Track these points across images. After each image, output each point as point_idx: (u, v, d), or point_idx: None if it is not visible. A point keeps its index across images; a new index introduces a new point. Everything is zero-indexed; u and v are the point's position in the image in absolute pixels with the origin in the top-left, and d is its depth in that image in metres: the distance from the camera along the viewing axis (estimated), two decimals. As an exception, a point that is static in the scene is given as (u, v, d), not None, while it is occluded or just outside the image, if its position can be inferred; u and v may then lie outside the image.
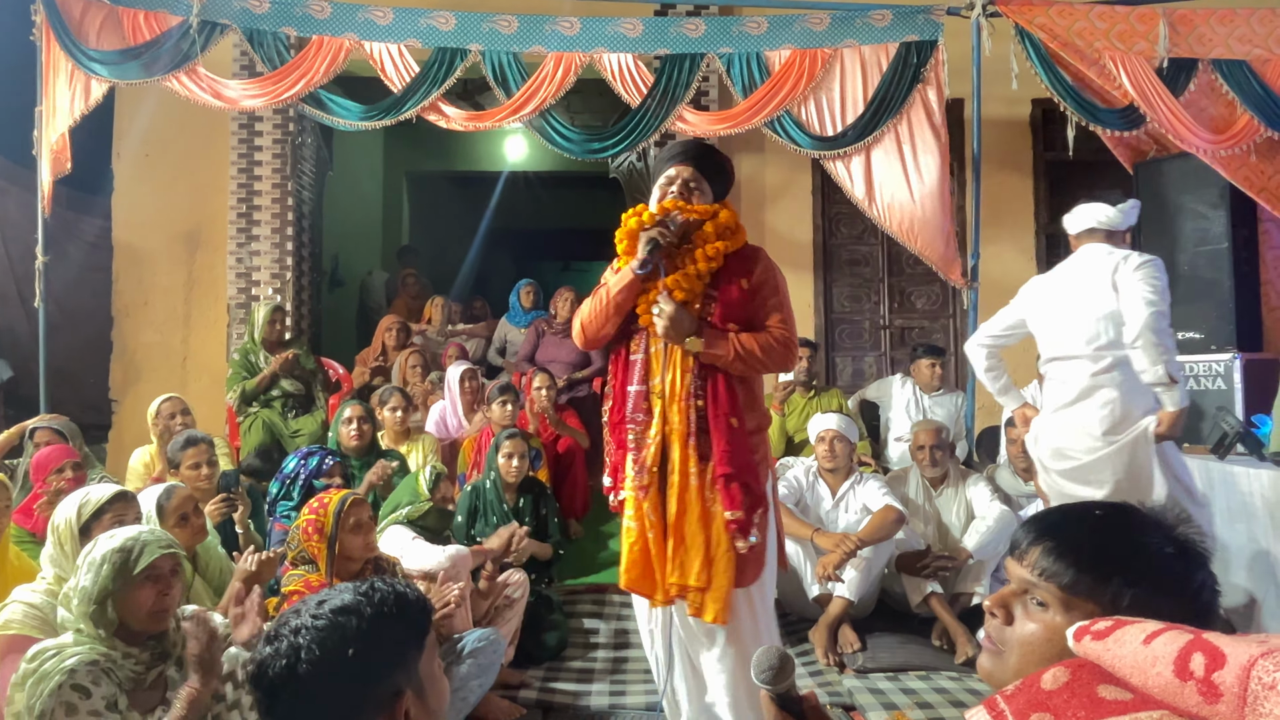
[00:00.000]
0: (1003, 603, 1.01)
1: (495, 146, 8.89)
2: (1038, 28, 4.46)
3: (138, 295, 5.64)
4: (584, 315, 2.24)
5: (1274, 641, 0.69)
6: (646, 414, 2.18)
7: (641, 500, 2.16)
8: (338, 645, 1.05)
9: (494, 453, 3.78)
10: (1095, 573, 0.94)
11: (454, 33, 4.59)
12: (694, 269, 2.15)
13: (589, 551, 4.52)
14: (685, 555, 2.13)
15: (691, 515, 2.13)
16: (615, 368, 2.27)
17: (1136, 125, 4.55)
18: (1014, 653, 0.98)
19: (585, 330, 2.25)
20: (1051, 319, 3.17)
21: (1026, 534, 1.02)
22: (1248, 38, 4.56)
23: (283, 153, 5.54)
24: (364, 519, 2.58)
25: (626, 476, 2.21)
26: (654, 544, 2.15)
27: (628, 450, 2.21)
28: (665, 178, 2.27)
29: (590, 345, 2.28)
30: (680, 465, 2.13)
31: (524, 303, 6.04)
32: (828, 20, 4.63)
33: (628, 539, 2.19)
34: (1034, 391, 4.50)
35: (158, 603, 1.88)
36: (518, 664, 3.30)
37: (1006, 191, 5.62)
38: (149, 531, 1.96)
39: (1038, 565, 0.98)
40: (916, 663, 3.36)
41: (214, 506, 3.12)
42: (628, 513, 2.19)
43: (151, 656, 1.88)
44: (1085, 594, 0.94)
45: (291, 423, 4.71)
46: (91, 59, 4.42)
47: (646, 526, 2.16)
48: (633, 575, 2.17)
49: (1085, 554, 0.95)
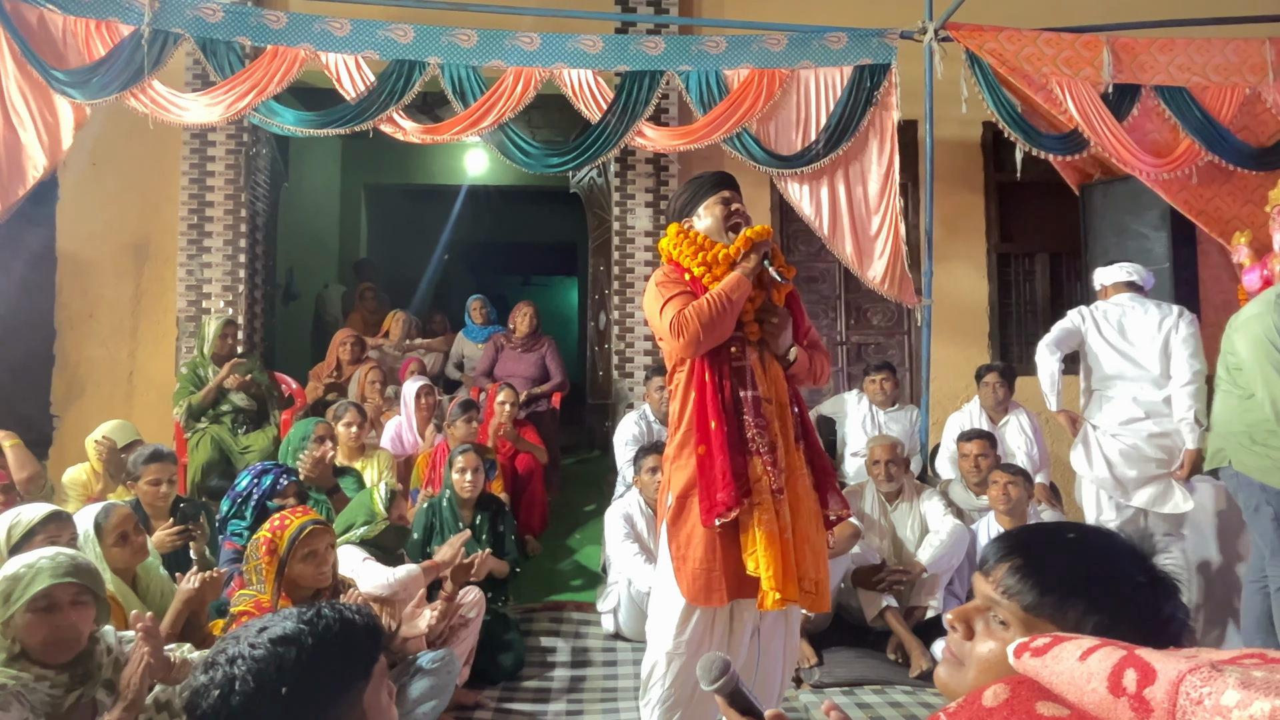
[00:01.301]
0: (965, 617, 1.00)
1: (455, 160, 8.84)
2: (988, 53, 4.58)
3: (82, 308, 5.48)
4: (704, 317, 2.18)
5: (1203, 656, 0.70)
6: (766, 419, 2.23)
7: (780, 504, 2.18)
8: (274, 678, 1.01)
9: (449, 469, 3.73)
10: (1059, 595, 0.92)
11: (412, 45, 4.56)
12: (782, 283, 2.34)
13: (546, 569, 4.48)
14: (813, 552, 2.22)
15: (809, 515, 2.25)
16: (710, 372, 2.24)
17: (1078, 150, 4.70)
18: (972, 668, 0.97)
19: (707, 336, 2.19)
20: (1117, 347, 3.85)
21: (995, 550, 1.00)
22: (1186, 66, 4.74)
23: (236, 163, 5.44)
24: (320, 549, 2.48)
25: (755, 482, 2.18)
26: (785, 545, 2.15)
27: (753, 455, 2.20)
28: (723, 199, 2.39)
29: (701, 351, 2.23)
30: (795, 468, 2.25)
31: (475, 319, 6.00)
32: (785, 41, 4.71)
33: (769, 545, 2.12)
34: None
35: (52, 633, 1.80)
36: (473, 684, 3.25)
37: (959, 211, 5.75)
38: (51, 557, 1.87)
39: (1002, 583, 0.96)
40: (872, 676, 3.39)
41: (167, 535, 3.03)
42: (765, 517, 2.15)
43: (71, 679, 1.81)
44: (1047, 616, 0.92)
45: (241, 439, 4.60)
46: (62, 82, 4.31)
47: (782, 528, 2.16)
48: (779, 579, 2.11)
49: (1051, 576, 0.94)
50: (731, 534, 2.17)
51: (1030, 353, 5.90)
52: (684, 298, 2.24)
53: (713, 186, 2.40)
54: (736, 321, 2.25)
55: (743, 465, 2.18)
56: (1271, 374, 2.97)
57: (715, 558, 2.17)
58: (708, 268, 2.29)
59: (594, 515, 4.94)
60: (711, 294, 2.22)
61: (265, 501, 3.30)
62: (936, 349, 4.80)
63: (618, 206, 5.61)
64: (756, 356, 2.28)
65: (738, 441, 2.19)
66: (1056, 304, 5.93)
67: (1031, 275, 5.98)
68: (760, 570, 2.11)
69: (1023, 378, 5.66)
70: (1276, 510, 3.05)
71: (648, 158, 5.53)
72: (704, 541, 2.19)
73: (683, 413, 2.28)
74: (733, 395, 2.23)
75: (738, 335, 2.27)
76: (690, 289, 2.28)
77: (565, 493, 5.47)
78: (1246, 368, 3.06)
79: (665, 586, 2.28)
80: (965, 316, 5.73)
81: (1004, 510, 3.61)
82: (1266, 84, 4.73)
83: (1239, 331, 3.12)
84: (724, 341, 2.24)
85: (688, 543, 2.22)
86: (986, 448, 4.06)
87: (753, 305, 2.28)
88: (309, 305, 7.65)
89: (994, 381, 4.57)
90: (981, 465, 4.00)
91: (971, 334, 5.75)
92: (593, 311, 6.61)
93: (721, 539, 2.17)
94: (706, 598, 2.18)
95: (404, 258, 9.46)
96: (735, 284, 2.23)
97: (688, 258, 2.32)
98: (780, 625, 2.34)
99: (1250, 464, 3.10)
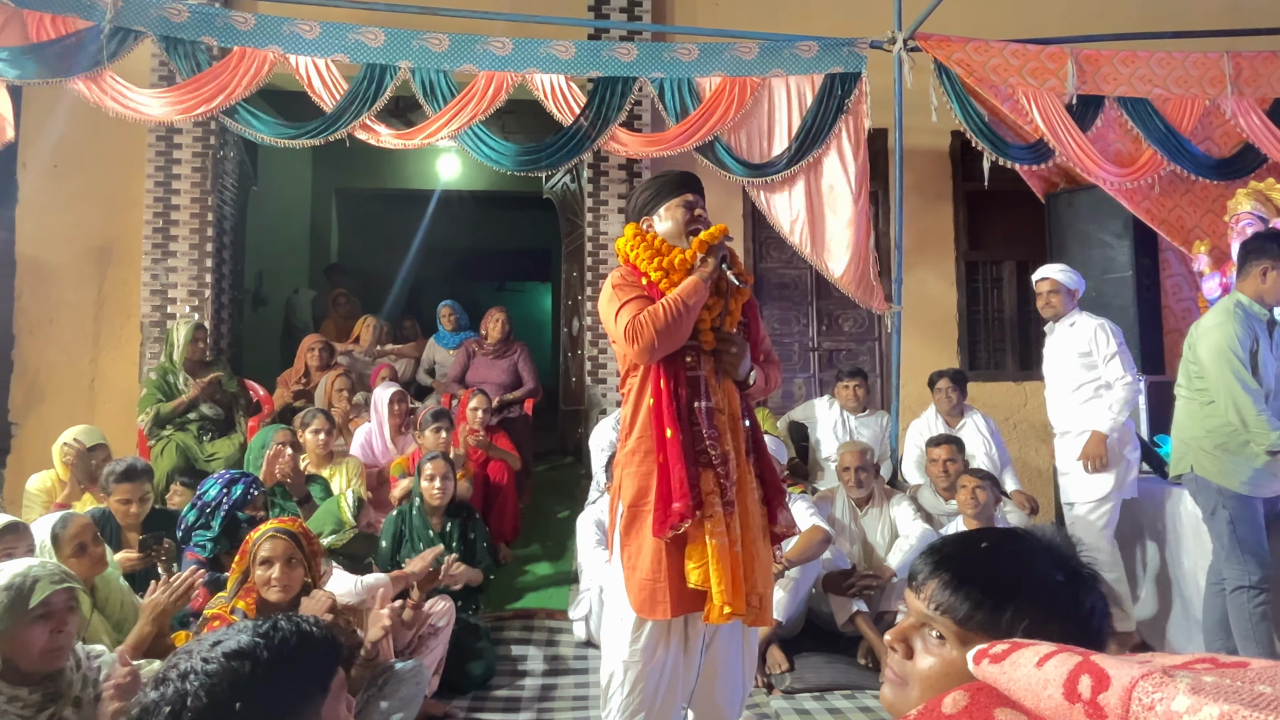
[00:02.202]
0: (902, 636, 1.01)
1: (428, 165, 8.78)
2: (955, 63, 4.65)
3: (42, 313, 5.35)
4: (659, 324, 2.13)
5: (1156, 662, 0.71)
6: (719, 430, 2.21)
7: (730, 517, 2.16)
8: (227, 695, 0.98)
9: (418, 476, 3.69)
10: (989, 605, 0.94)
11: (383, 49, 4.52)
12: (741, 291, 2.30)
13: (517, 576, 4.45)
14: (760, 567, 2.21)
15: (757, 530, 2.24)
16: (666, 381, 2.20)
17: (1043, 160, 4.77)
18: (915, 686, 0.98)
19: (662, 342, 2.15)
20: None
21: (923, 566, 1.01)
22: (1148, 78, 4.84)
23: (203, 166, 5.35)
24: (276, 560, 2.42)
25: (708, 494, 2.16)
26: (735, 558, 2.14)
27: (703, 467, 2.18)
28: (685, 202, 2.34)
29: (658, 357, 2.19)
30: (744, 481, 2.23)
31: (444, 325, 5.96)
32: (756, 50, 4.74)
33: (718, 557, 2.11)
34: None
35: (51, 641, 1.77)
36: (442, 694, 3.21)
37: (928, 219, 5.81)
38: (39, 565, 1.84)
39: (934, 599, 0.98)
40: (842, 682, 3.40)
41: (127, 559, 2.96)
42: (715, 530, 2.13)
43: (42, 698, 1.76)
44: (980, 628, 0.94)
45: (207, 446, 4.52)
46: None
47: (732, 541, 2.15)
48: (728, 593, 2.10)
49: (979, 586, 0.95)
50: (678, 547, 2.14)
51: (998, 359, 6.02)
52: (640, 302, 2.19)
53: (676, 188, 2.35)
54: (693, 328, 2.21)
55: (696, 477, 2.16)
56: (1232, 381, 3.04)
57: (661, 570, 2.15)
58: (665, 273, 2.24)
59: (567, 522, 4.92)
60: (667, 299, 2.17)
61: (235, 512, 3.18)
62: (906, 355, 4.85)
63: (590, 212, 5.61)
64: (712, 366, 2.24)
65: (692, 453, 2.17)
66: (1023, 311, 6.02)
67: (999, 282, 6.07)
68: (710, 583, 2.09)
69: (986, 383, 5.75)
70: (1232, 513, 3.12)
71: (620, 164, 5.54)
72: (653, 553, 2.16)
73: (634, 418, 2.24)
74: (688, 405, 2.20)
75: (693, 344, 2.22)
76: (647, 293, 2.23)
77: (538, 499, 5.44)
78: (1208, 375, 3.12)
79: (618, 595, 2.26)
80: (934, 323, 5.80)
81: (972, 514, 3.65)
82: (1225, 96, 4.84)
83: (1200, 340, 3.18)
84: (679, 349, 2.20)
85: (638, 553, 2.20)
86: (955, 452, 4.11)
87: (710, 313, 2.24)
88: (279, 310, 7.55)
89: (945, 387, 4.64)
90: (950, 470, 4.05)
91: (941, 340, 5.81)
92: (566, 317, 6.59)
93: (669, 552, 2.15)
94: (651, 610, 2.16)
95: (375, 263, 9.38)
96: (692, 289, 2.18)
97: (644, 261, 2.27)
98: (735, 638, 2.32)
99: (1210, 468, 3.17)
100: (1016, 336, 6.01)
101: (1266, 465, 3.09)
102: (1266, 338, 3.13)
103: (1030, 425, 5.69)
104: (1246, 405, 3.02)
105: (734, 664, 2.33)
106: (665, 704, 2.25)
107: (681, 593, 2.14)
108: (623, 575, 2.22)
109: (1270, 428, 3.00)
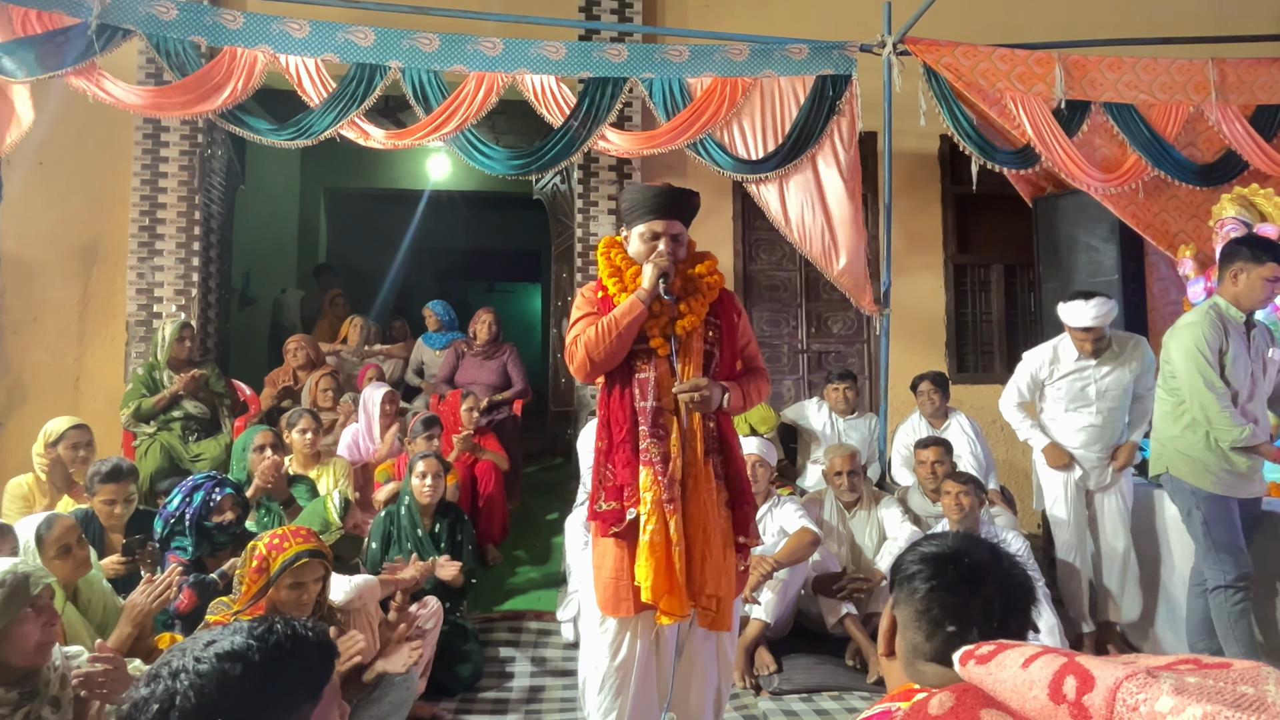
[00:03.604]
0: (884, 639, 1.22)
1: (418, 165, 8.75)
2: (944, 67, 4.67)
3: (26, 311, 5.30)
4: (592, 349, 2.20)
5: (1140, 663, 0.72)
6: (665, 429, 2.21)
7: (669, 515, 2.16)
8: (215, 696, 0.97)
9: (409, 475, 3.68)
10: (901, 580, 1.20)
11: (373, 49, 4.51)
12: (701, 297, 2.30)
13: (505, 578, 4.44)
14: (714, 569, 2.18)
15: (713, 531, 2.21)
16: (617, 390, 2.27)
17: (1031, 164, 4.81)
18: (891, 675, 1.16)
19: (596, 363, 2.22)
20: None
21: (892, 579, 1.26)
22: (1134, 84, 4.88)
23: (191, 164, 5.32)
24: (307, 582, 2.41)
25: (644, 492, 2.18)
26: (680, 559, 2.14)
27: (643, 465, 2.20)
28: (649, 229, 2.32)
29: (594, 376, 2.28)
30: (702, 482, 2.21)
31: (429, 326, 5.94)
32: (747, 51, 4.75)
33: (650, 555, 2.13)
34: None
35: (44, 635, 1.77)
36: (430, 696, 3.19)
37: (917, 222, 5.84)
38: (22, 562, 1.85)
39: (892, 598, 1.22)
40: (830, 683, 3.41)
41: (113, 564, 2.93)
42: (649, 527, 2.15)
43: (20, 696, 1.75)
44: (903, 601, 1.17)
45: (192, 446, 4.49)
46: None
47: (673, 541, 2.15)
48: (660, 591, 2.13)
49: (900, 573, 1.22)
50: (635, 546, 2.19)
51: (985, 361, 6.05)
52: (588, 320, 2.26)
53: (648, 212, 2.33)
54: (636, 338, 2.23)
55: (631, 477, 2.20)
56: (1198, 380, 3.08)
57: (622, 569, 2.20)
58: (622, 290, 2.29)
59: (555, 523, 4.91)
60: (603, 321, 2.22)
61: (201, 521, 2.99)
62: (895, 357, 4.87)
63: (580, 213, 5.61)
64: (667, 368, 2.25)
65: (628, 454, 2.21)
66: (1011, 314, 6.06)
67: (987, 286, 6.10)
68: (641, 580, 2.13)
69: (973, 386, 5.78)
70: (1206, 514, 3.16)
71: (611, 164, 5.53)
72: (614, 553, 2.22)
73: (598, 424, 2.33)
74: (630, 406, 2.24)
75: (642, 348, 2.26)
76: (597, 311, 2.29)
77: (527, 501, 5.43)
78: (1178, 375, 3.17)
79: (588, 594, 2.32)
80: (923, 326, 5.82)
81: (958, 520, 3.66)
82: (1209, 102, 4.89)
83: (1173, 339, 3.22)
84: (628, 354, 2.24)
85: (603, 553, 2.26)
86: (942, 454, 4.12)
87: (657, 320, 2.25)
88: (266, 310, 7.51)
89: (928, 390, 4.68)
90: (938, 471, 4.06)
91: (929, 343, 5.84)
92: (555, 318, 6.59)
93: (628, 551, 2.20)
94: (615, 608, 2.21)
95: (364, 262, 9.34)
96: (627, 309, 2.22)
97: (605, 276, 2.33)
98: (709, 642, 2.33)
99: (1183, 469, 3.21)
100: (1004, 339, 6.04)
101: (1239, 467, 3.12)
102: (1242, 340, 3.16)
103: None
104: (1210, 403, 3.06)
105: (702, 671, 2.33)
106: (641, 703, 2.26)
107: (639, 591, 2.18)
108: (592, 576, 2.29)
109: (1234, 423, 3.03)
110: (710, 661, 2.34)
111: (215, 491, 3.04)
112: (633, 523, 2.20)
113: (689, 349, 2.26)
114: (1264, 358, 3.23)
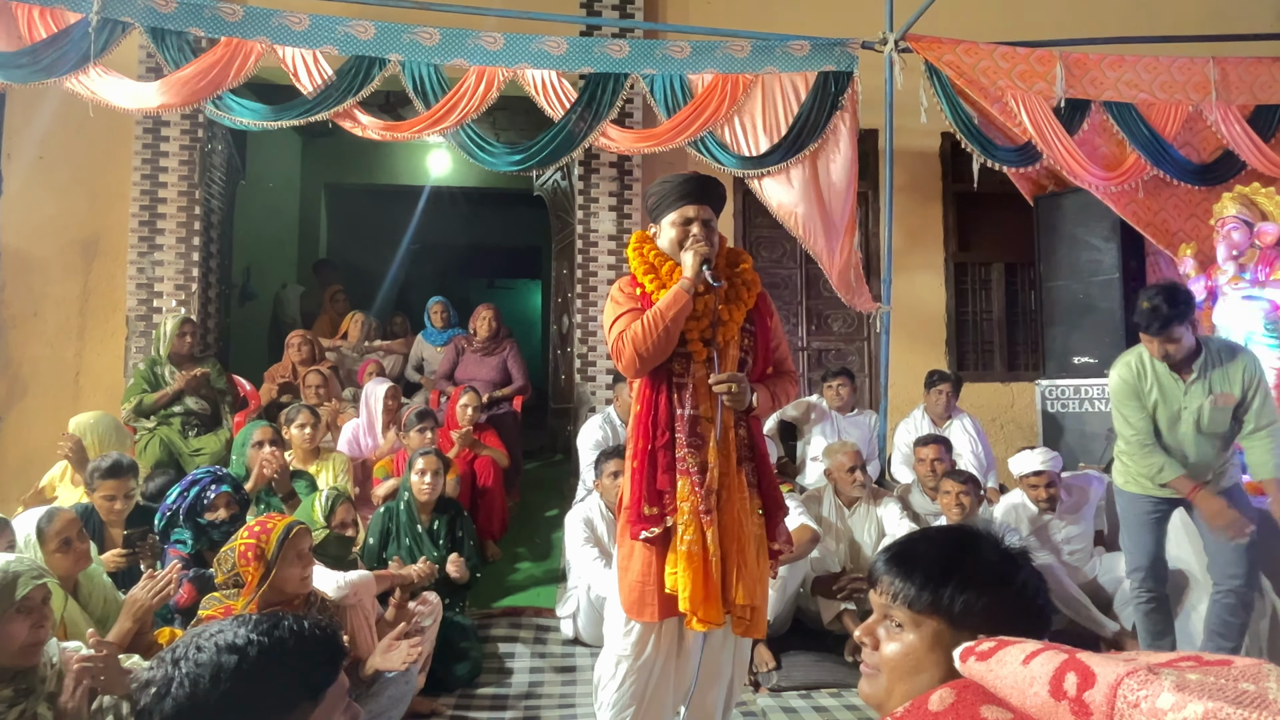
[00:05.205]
0: (869, 631, 1.12)
1: (418, 161, 8.74)
2: (946, 65, 4.66)
3: (26, 305, 5.30)
4: (639, 344, 2.15)
5: (1140, 660, 0.72)
6: (702, 439, 2.20)
7: (707, 526, 2.15)
8: (210, 686, 0.97)
9: (408, 471, 3.68)
10: (932, 586, 1.05)
11: (373, 42, 4.49)
12: (740, 304, 2.27)
13: (505, 574, 4.44)
14: (748, 578, 2.17)
15: (748, 540, 2.20)
16: (657, 392, 2.23)
17: (1031, 162, 4.80)
18: (883, 674, 1.08)
19: (645, 358, 2.17)
20: None
21: (878, 565, 1.13)
22: (1134, 82, 4.88)
23: (191, 159, 5.31)
24: (304, 550, 2.44)
25: (682, 502, 2.17)
26: (716, 567, 2.14)
27: (680, 475, 2.18)
28: (681, 215, 2.28)
29: (643, 372, 2.22)
30: (735, 491, 2.20)
31: (434, 322, 5.93)
32: (749, 48, 4.74)
33: (688, 565, 2.12)
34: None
35: (31, 635, 1.76)
36: (429, 692, 3.20)
37: (918, 220, 5.83)
38: (16, 560, 1.84)
39: (889, 590, 1.09)
40: (829, 680, 3.41)
41: (114, 558, 2.93)
42: (686, 538, 2.14)
43: (14, 693, 1.74)
44: (928, 608, 1.05)
45: (192, 441, 4.48)
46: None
47: (710, 551, 2.14)
48: (697, 601, 2.11)
49: (920, 572, 1.07)
50: (664, 552, 2.18)
51: (986, 360, 6.05)
52: (631, 315, 2.22)
53: (676, 199, 2.29)
54: (679, 338, 2.19)
55: (670, 484, 2.18)
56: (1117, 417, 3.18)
57: (650, 574, 2.18)
58: (659, 286, 2.25)
59: (555, 520, 4.91)
60: (648, 315, 2.17)
61: (196, 518, 3.04)
62: (895, 355, 4.87)
63: (581, 210, 5.60)
64: (704, 374, 2.22)
65: (668, 460, 2.19)
66: (1011, 313, 6.06)
67: (987, 284, 6.10)
68: (679, 589, 2.12)
69: (973, 384, 5.79)
70: (1120, 509, 3.33)
71: (611, 161, 5.53)
72: (642, 556, 2.20)
73: (631, 425, 2.30)
74: (669, 413, 2.21)
75: (682, 352, 2.22)
76: (640, 305, 2.25)
77: (526, 497, 5.43)
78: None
79: (613, 594, 2.30)
80: (923, 324, 5.82)
81: (957, 520, 3.67)
82: (1209, 102, 4.88)
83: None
84: (668, 358, 2.21)
85: (630, 555, 2.24)
86: (942, 452, 4.12)
87: (698, 323, 2.22)
88: (267, 305, 7.50)
89: (945, 390, 4.71)
90: (938, 469, 4.06)
91: (929, 341, 5.84)
92: (555, 315, 6.58)
93: (657, 556, 2.18)
94: (640, 611, 2.20)
95: (364, 258, 9.32)
96: (671, 301, 2.17)
97: (640, 273, 2.29)
98: (729, 643, 2.33)
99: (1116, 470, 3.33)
100: (1004, 338, 6.04)
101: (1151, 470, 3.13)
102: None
103: (1017, 426, 5.73)
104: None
105: (716, 672, 2.34)
106: (654, 702, 2.27)
107: (668, 597, 2.16)
108: (617, 575, 2.27)
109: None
110: (727, 660, 2.35)
111: (211, 488, 3.06)
112: (666, 529, 2.19)
113: (725, 356, 2.25)
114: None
